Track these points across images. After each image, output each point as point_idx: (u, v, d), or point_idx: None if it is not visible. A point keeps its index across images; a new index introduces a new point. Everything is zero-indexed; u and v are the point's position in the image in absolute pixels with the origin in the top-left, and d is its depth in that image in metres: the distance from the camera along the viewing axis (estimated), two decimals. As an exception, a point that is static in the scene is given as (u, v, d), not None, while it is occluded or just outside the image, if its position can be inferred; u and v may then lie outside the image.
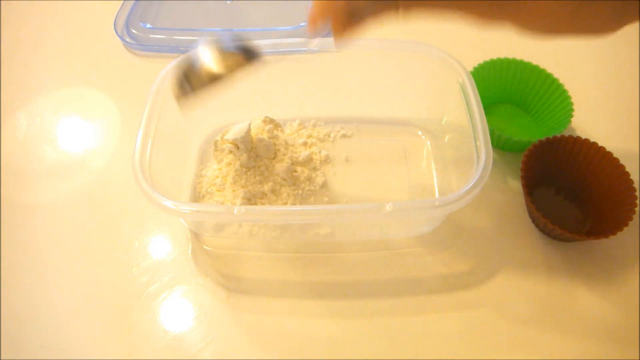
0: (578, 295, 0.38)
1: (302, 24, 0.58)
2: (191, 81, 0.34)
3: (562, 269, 0.40)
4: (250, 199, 0.42)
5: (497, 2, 0.25)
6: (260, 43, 0.42)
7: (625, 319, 0.37)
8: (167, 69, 0.41)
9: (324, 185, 0.44)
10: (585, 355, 0.36)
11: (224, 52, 0.34)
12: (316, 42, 0.42)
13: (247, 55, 0.34)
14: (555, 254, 0.40)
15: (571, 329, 0.37)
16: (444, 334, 0.37)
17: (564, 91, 0.45)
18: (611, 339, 0.36)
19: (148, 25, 0.59)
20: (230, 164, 0.44)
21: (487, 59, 0.47)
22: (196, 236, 0.43)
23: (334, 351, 0.37)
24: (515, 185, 0.44)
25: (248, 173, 0.43)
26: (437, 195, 0.44)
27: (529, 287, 0.39)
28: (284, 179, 0.43)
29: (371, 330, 0.37)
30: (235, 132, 0.43)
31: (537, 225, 0.41)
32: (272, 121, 0.46)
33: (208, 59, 0.33)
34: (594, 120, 0.48)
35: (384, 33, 0.58)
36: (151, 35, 0.58)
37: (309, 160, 0.45)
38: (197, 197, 0.44)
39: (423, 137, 0.48)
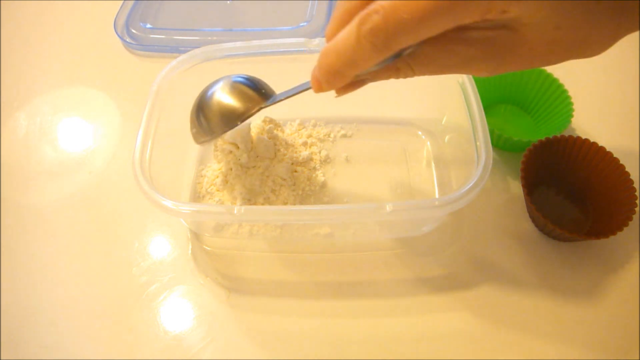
0: (578, 295, 0.38)
1: (302, 24, 0.58)
2: (206, 115, 0.35)
3: (562, 269, 0.40)
4: (250, 199, 0.42)
5: (497, 60, 0.25)
6: (260, 43, 0.42)
7: (625, 319, 0.37)
8: (167, 69, 0.41)
9: (324, 185, 0.44)
10: (585, 355, 0.36)
11: (237, 88, 0.35)
12: (316, 42, 0.42)
13: (263, 96, 0.35)
14: (555, 254, 0.40)
15: (571, 329, 0.37)
16: (444, 334, 0.37)
17: (564, 91, 0.45)
18: (611, 339, 0.36)
19: (148, 25, 0.59)
20: (230, 163, 0.44)
21: (487, 59, 0.47)
22: (196, 236, 0.43)
23: (334, 351, 0.37)
24: (515, 185, 0.44)
25: (248, 173, 0.43)
26: (437, 195, 0.44)
27: (529, 287, 0.39)
28: (284, 179, 0.43)
29: (371, 330, 0.37)
30: (235, 132, 0.43)
31: (537, 225, 0.41)
32: (272, 121, 0.46)
33: (222, 93, 0.35)
34: (594, 120, 0.48)
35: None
36: (151, 35, 0.58)
37: (309, 160, 0.45)
38: (197, 197, 0.44)
39: (423, 137, 0.48)
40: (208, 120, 0.35)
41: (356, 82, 0.30)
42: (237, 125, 0.34)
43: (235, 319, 0.38)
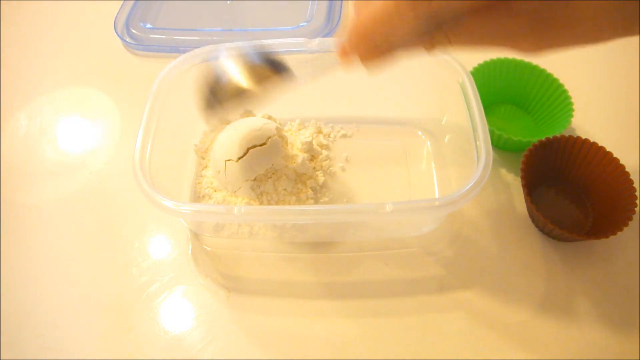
0: (578, 295, 0.38)
1: (302, 24, 0.58)
2: (218, 95, 0.33)
3: (562, 269, 0.40)
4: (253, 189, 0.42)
5: (544, 35, 0.23)
6: (260, 43, 0.42)
7: (625, 319, 0.37)
8: (167, 69, 0.41)
9: (324, 185, 0.44)
10: (585, 355, 0.36)
11: (251, 66, 0.32)
12: (316, 42, 0.42)
13: (276, 69, 0.32)
14: (555, 254, 0.40)
15: (571, 329, 0.37)
16: (444, 334, 0.37)
17: (564, 91, 0.45)
18: (611, 339, 0.36)
19: (148, 25, 0.59)
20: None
21: (487, 59, 0.47)
22: (196, 236, 0.43)
23: (334, 351, 0.37)
24: (515, 185, 0.44)
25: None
26: (437, 195, 0.44)
27: (529, 287, 0.39)
28: (285, 188, 0.43)
29: (371, 330, 0.37)
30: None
31: (537, 225, 0.41)
32: (270, 118, 0.46)
33: (235, 72, 0.32)
34: (594, 120, 0.48)
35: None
36: (151, 35, 0.58)
37: (309, 161, 0.45)
38: (197, 197, 0.44)
39: (423, 137, 0.48)
40: (220, 100, 0.33)
41: (385, 51, 0.26)
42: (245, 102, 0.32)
43: (235, 319, 0.38)
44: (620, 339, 0.36)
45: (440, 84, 0.43)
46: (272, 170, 0.42)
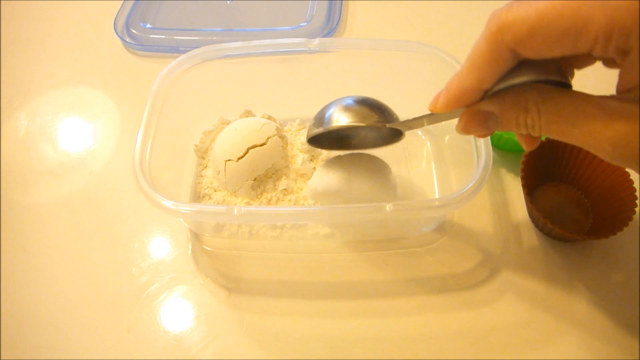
0: (578, 295, 0.38)
1: (302, 24, 0.58)
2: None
3: (562, 269, 0.40)
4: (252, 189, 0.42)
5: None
6: (260, 43, 0.42)
7: (625, 319, 0.37)
8: (167, 69, 0.41)
9: (324, 185, 0.44)
10: (585, 355, 0.36)
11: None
12: (316, 42, 0.42)
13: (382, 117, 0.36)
14: (555, 254, 0.40)
15: (571, 329, 0.37)
16: (444, 334, 0.37)
17: (564, 91, 0.45)
18: (611, 339, 0.36)
19: (148, 25, 0.59)
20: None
21: (487, 59, 0.47)
22: (196, 236, 0.43)
23: (334, 351, 0.37)
24: (515, 185, 0.44)
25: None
26: (437, 195, 0.44)
27: (529, 287, 0.39)
28: (285, 189, 0.43)
29: (371, 330, 0.37)
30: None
31: (537, 225, 0.41)
32: (270, 118, 0.46)
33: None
34: (594, 120, 0.48)
35: (384, 33, 0.59)
36: (151, 35, 0.58)
37: (309, 161, 0.45)
38: (197, 197, 0.44)
39: (423, 137, 0.48)
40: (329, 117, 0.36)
41: (478, 116, 0.27)
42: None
43: (235, 319, 0.38)
44: (620, 339, 0.36)
45: (440, 84, 0.43)
46: (272, 170, 0.42)
